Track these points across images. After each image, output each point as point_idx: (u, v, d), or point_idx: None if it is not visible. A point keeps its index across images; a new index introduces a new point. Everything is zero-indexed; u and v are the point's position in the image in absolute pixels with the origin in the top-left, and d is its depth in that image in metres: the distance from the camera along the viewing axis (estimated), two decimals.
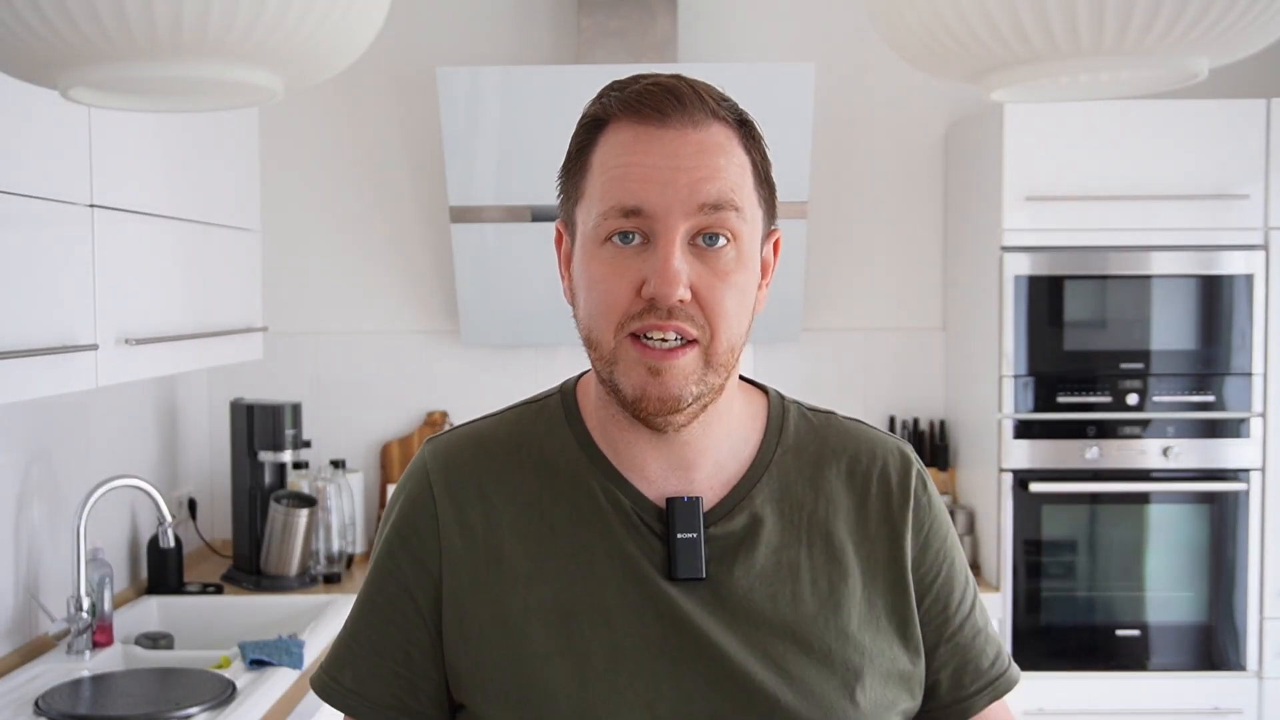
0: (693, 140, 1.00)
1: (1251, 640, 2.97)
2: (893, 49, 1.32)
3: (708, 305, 1.00)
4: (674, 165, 0.99)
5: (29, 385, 1.90)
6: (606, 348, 1.03)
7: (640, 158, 1.00)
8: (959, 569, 1.15)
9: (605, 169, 1.02)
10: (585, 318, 1.05)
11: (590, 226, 1.02)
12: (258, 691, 2.16)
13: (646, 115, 1.01)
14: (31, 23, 1.01)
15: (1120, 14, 1.09)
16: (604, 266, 1.01)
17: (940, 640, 1.12)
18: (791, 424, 1.14)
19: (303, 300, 3.45)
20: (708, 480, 1.09)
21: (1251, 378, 2.95)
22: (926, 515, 1.13)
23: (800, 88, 2.97)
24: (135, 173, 2.29)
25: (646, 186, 0.99)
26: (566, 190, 1.08)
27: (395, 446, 3.42)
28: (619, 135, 1.02)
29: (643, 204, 0.99)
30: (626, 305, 1.00)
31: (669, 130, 1.00)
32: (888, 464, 1.14)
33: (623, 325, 1.01)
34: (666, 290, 0.98)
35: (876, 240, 3.46)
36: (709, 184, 1.00)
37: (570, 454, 1.11)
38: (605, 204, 1.01)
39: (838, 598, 1.08)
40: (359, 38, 1.17)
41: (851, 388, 3.41)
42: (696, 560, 1.05)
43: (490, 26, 3.39)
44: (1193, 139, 2.93)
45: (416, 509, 1.12)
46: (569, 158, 1.07)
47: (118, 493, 2.67)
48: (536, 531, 1.08)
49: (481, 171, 3.11)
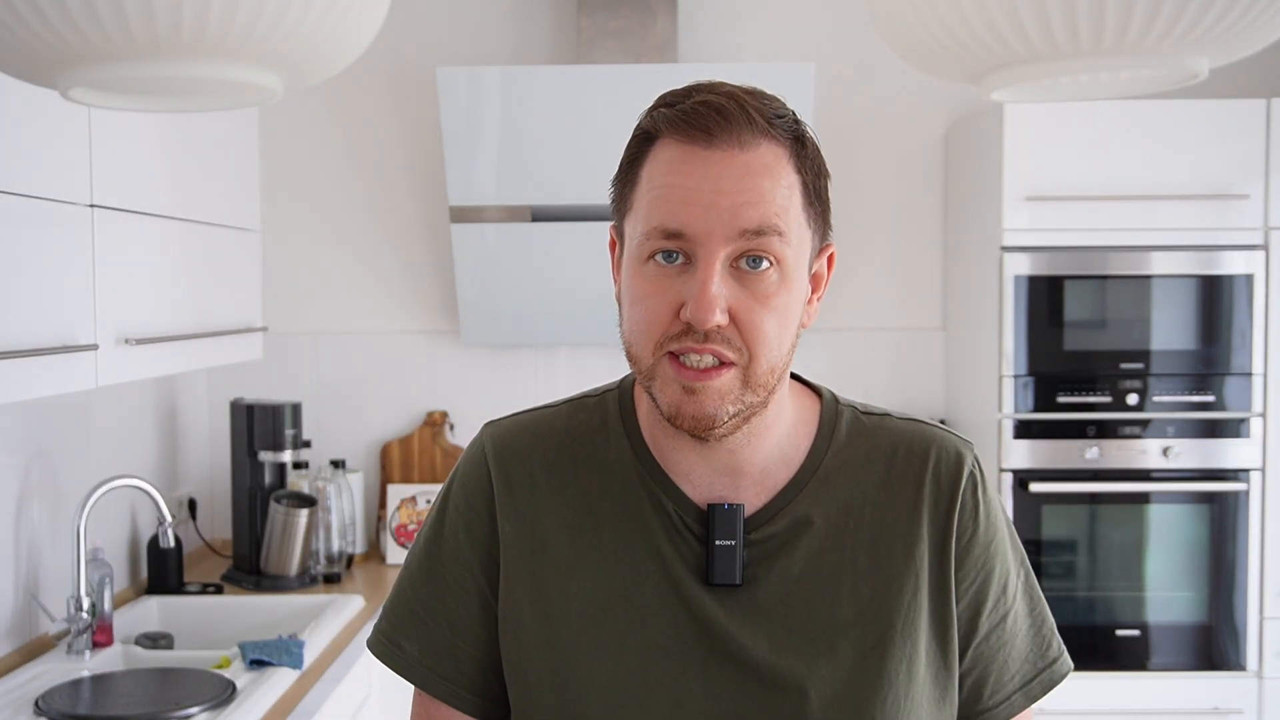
0: (738, 162, 1.00)
1: (1251, 640, 2.97)
2: (893, 49, 1.32)
3: (746, 329, 1.00)
4: (717, 189, 0.99)
5: (29, 385, 1.90)
6: (645, 363, 1.03)
7: (684, 179, 1.00)
8: (997, 578, 1.12)
9: (651, 187, 1.02)
10: (627, 332, 1.05)
11: (635, 243, 1.03)
12: (258, 691, 2.16)
13: (694, 134, 1.00)
14: (31, 23, 1.01)
15: (1120, 14, 1.09)
16: (646, 285, 1.02)
17: (966, 648, 1.11)
18: (844, 427, 1.13)
19: (303, 300, 3.45)
20: (754, 486, 1.10)
21: (1251, 378, 2.95)
22: (971, 521, 1.11)
23: (800, 88, 2.97)
24: (135, 173, 2.29)
25: (689, 209, 0.99)
26: (617, 200, 1.08)
27: (395, 446, 3.42)
28: (666, 153, 1.02)
29: (684, 227, 0.99)
30: (665, 325, 1.01)
31: (715, 151, 1.00)
32: (941, 464, 1.12)
33: (661, 344, 1.01)
34: (702, 316, 0.98)
35: (876, 240, 3.46)
36: (751, 209, 0.99)
37: (621, 452, 1.12)
38: (648, 224, 1.01)
39: (879, 606, 1.07)
40: (359, 38, 1.17)
41: (851, 388, 3.38)
42: (733, 567, 1.06)
43: (490, 26, 3.39)
44: (1193, 139, 2.93)
45: (476, 490, 1.14)
46: (621, 168, 1.07)
47: (118, 493, 2.67)
48: (581, 524, 1.11)
49: (481, 171, 3.11)
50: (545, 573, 1.10)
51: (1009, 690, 1.14)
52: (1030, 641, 1.16)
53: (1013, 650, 1.14)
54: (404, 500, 3.30)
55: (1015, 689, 1.14)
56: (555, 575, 1.09)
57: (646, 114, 1.06)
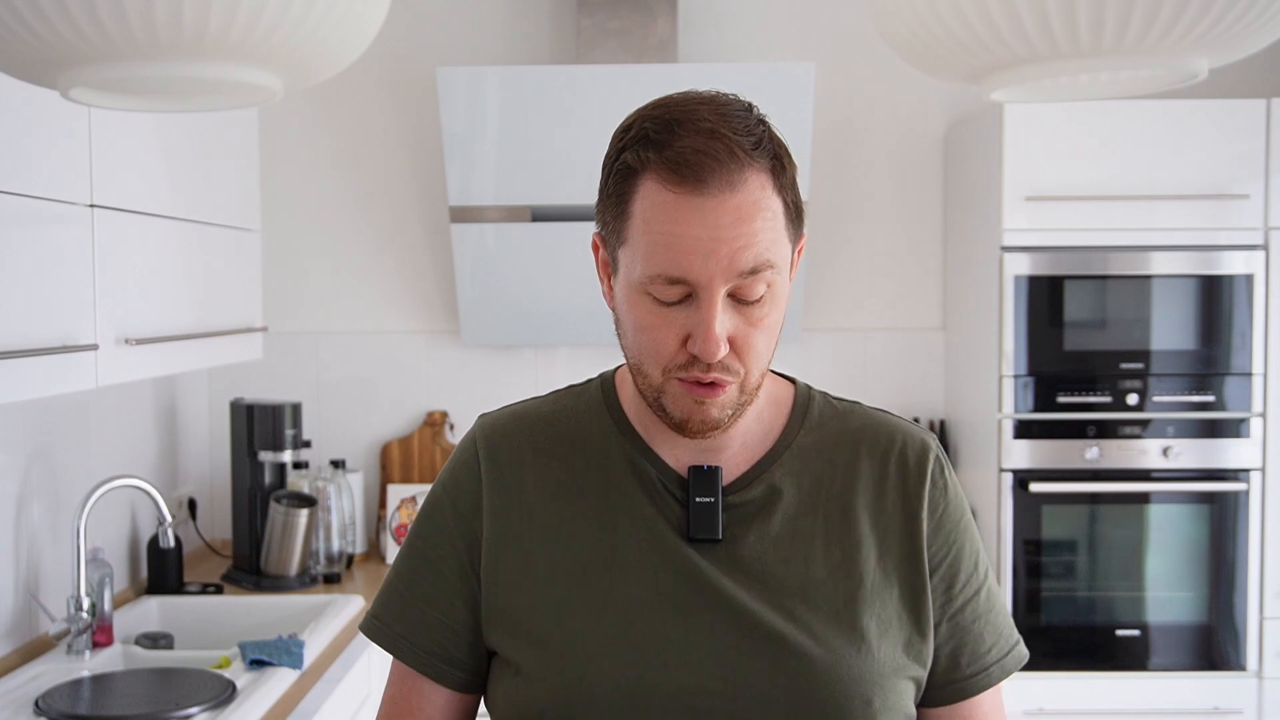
0: (730, 207, 1.04)
1: (1251, 640, 2.97)
2: (893, 49, 1.32)
3: (743, 352, 1.09)
4: (715, 236, 1.04)
5: (29, 385, 1.90)
6: (655, 381, 1.11)
7: (682, 229, 1.04)
8: (969, 554, 1.19)
9: (649, 230, 1.06)
10: (634, 354, 1.12)
11: (635, 278, 1.08)
12: (258, 691, 2.16)
13: (685, 181, 1.04)
14: (31, 23, 1.01)
15: (1120, 14, 1.09)
16: (650, 317, 1.09)
17: (942, 619, 1.17)
18: (816, 410, 1.22)
19: (303, 300, 3.45)
20: (732, 459, 1.18)
21: (1251, 378, 2.95)
22: (942, 497, 1.19)
23: (800, 88, 2.97)
24: (135, 173, 2.29)
25: (690, 258, 1.04)
26: (606, 222, 1.12)
27: (395, 446, 3.42)
28: (659, 196, 1.05)
29: (686, 275, 1.05)
30: (672, 355, 1.09)
31: (708, 199, 1.04)
32: (907, 446, 1.20)
33: (669, 370, 1.09)
34: (710, 352, 1.06)
35: (876, 240, 3.46)
36: (747, 252, 1.05)
37: (605, 429, 1.20)
38: (650, 269, 1.06)
39: (849, 566, 1.14)
40: (359, 38, 1.17)
41: (851, 388, 3.39)
42: (713, 523, 1.14)
43: (490, 26, 3.40)
44: (1193, 139, 2.93)
45: (464, 472, 1.22)
46: (608, 195, 1.11)
47: (118, 493, 2.67)
48: (566, 493, 1.18)
49: (481, 171, 3.11)
50: (532, 540, 1.16)
51: (986, 662, 1.18)
52: (1001, 620, 1.21)
53: (987, 624, 1.19)
54: (404, 500, 3.30)
55: (992, 661, 1.19)
56: (542, 541, 1.16)
57: (629, 147, 1.08)
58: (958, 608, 1.17)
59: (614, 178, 1.10)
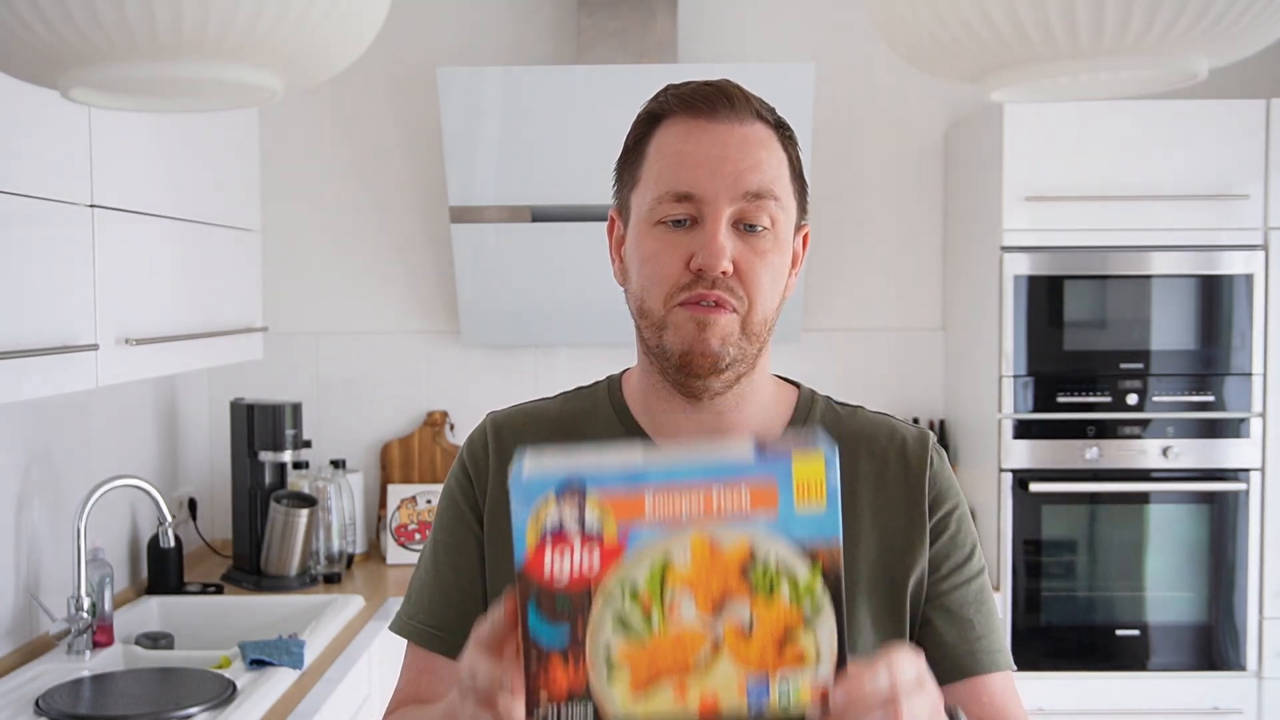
0: (739, 134, 1.12)
1: (1251, 640, 2.97)
2: (893, 49, 1.31)
3: (746, 278, 1.11)
4: (721, 155, 1.10)
5: (29, 385, 1.90)
6: (657, 314, 1.12)
7: (692, 146, 1.11)
8: (960, 541, 1.19)
9: (661, 156, 1.13)
10: (638, 289, 1.14)
11: (645, 209, 1.13)
12: (258, 691, 2.16)
13: (699, 109, 1.12)
14: (31, 23, 1.01)
15: (1120, 14, 1.09)
16: (657, 243, 1.12)
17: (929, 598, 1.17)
18: (818, 411, 1.24)
19: (303, 300, 3.45)
20: None
21: (1251, 378, 2.95)
22: (937, 481, 1.20)
23: (800, 88, 2.97)
24: (135, 173, 2.30)
25: (697, 173, 1.10)
26: (622, 178, 1.18)
27: (395, 446, 3.42)
28: (674, 128, 1.13)
29: (693, 189, 1.10)
30: (676, 277, 1.11)
31: (718, 124, 1.11)
32: (906, 440, 1.21)
33: (672, 295, 1.11)
34: (713, 262, 1.08)
35: (876, 240, 3.46)
36: (753, 173, 1.10)
37: (609, 426, 1.22)
38: (660, 188, 1.11)
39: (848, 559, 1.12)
40: (359, 38, 1.17)
41: (851, 388, 3.39)
42: None
43: (490, 26, 3.40)
44: (1193, 139, 2.93)
45: (472, 464, 1.24)
46: (626, 149, 1.18)
47: (118, 493, 2.67)
48: None
49: (481, 171, 3.11)
50: None
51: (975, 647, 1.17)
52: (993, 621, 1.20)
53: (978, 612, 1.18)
54: (404, 500, 3.30)
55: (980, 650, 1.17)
56: None
57: (652, 100, 1.17)
58: (945, 590, 1.17)
59: (634, 133, 1.17)
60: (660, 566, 0.81)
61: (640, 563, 0.80)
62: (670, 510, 0.81)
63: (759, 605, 0.81)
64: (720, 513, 0.81)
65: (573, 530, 0.81)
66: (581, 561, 0.80)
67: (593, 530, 0.81)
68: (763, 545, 0.81)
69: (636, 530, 0.81)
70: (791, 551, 0.81)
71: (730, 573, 0.81)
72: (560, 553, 0.80)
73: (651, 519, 0.81)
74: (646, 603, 0.80)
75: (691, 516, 0.81)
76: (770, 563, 0.81)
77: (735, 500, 0.81)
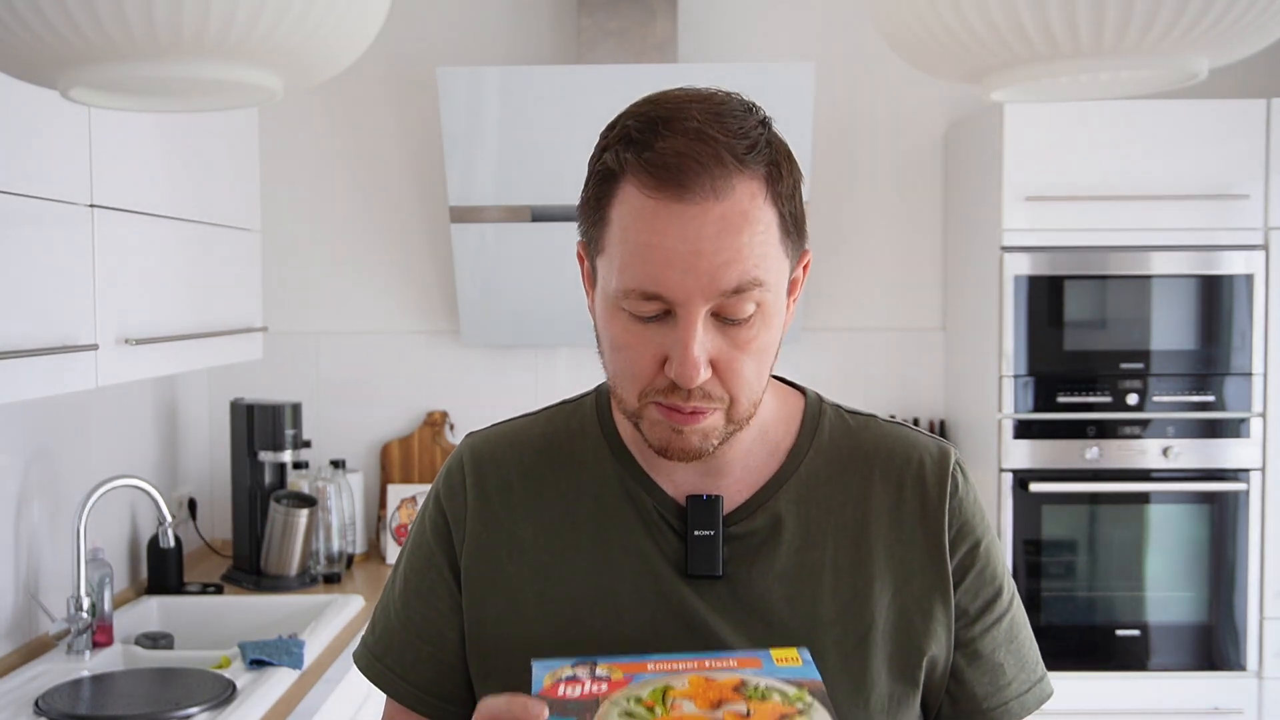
0: (714, 216, 0.94)
1: (1251, 640, 2.97)
2: (893, 49, 1.32)
3: (727, 377, 0.99)
4: (695, 249, 0.94)
5: (29, 385, 1.90)
6: (631, 405, 1.02)
7: (659, 239, 0.94)
8: (989, 578, 1.10)
9: (624, 240, 0.97)
10: (611, 373, 1.04)
11: (610, 289, 0.99)
12: (258, 691, 2.16)
13: (665, 186, 0.94)
14: (31, 23, 1.01)
15: (1120, 14, 1.09)
16: (625, 335, 1.00)
17: (958, 644, 1.09)
18: (827, 426, 1.13)
19: (303, 300, 3.45)
20: (735, 483, 1.09)
21: (1251, 378, 2.95)
22: (958, 515, 1.10)
23: (800, 88, 2.97)
24: (135, 173, 2.29)
25: (667, 272, 0.95)
26: (587, 230, 1.05)
27: (395, 446, 3.42)
28: (636, 202, 0.96)
29: (662, 290, 0.95)
30: (650, 378, 0.99)
31: (690, 206, 0.94)
32: (924, 464, 1.11)
33: (645, 394, 1.00)
34: (688, 377, 0.96)
35: (876, 240, 3.46)
36: (731, 268, 0.94)
37: (598, 453, 1.12)
38: (624, 283, 0.97)
39: (860, 604, 1.06)
40: (359, 38, 1.17)
41: (852, 388, 3.41)
42: (713, 558, 1.06)
43: (490, 26, 3.40)
44: (1193, 139, 2.93)
45: (449, 500, 1.15)
46: (589, 200, 1.03)
47: (118, 493, 2.67)
48: (558, 526, 1.10)
49: (481, 171, 3.11)
50: (520, 576, 1.09)
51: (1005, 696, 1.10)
52: (1026, 652, 1.13)
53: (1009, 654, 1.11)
54: (404, 500, 3.30)
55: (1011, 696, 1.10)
56: (531, 578, 1.09)
57: (609, 148, 1.00)
58: (976, 634, 1.09)
59: (594, 180, 1.02)
60: (661, 687, 0.91)
61: (643, 686, 0.91)
62: (668, 666, 0.94)
63: (754, 704, 0.89)
64: (711, 667, 0.94)
65: (584, 678, 0.93)
66: (590, 688, 0.91)
67: (601, 676, 0.93)
68: (752, 679, 0.92)
69: (640, 675, 0.93)
70: (778, 682, 0.92)
71: (724, 689, 0.91)
72: (570, 686, 0.92)
73: (653, 669, 0.93)
74: (650, 705, 0.89)
75: (687, 668, 0.94)
76: (760, 685, 0.91)
77: (723, 664, 0.94)
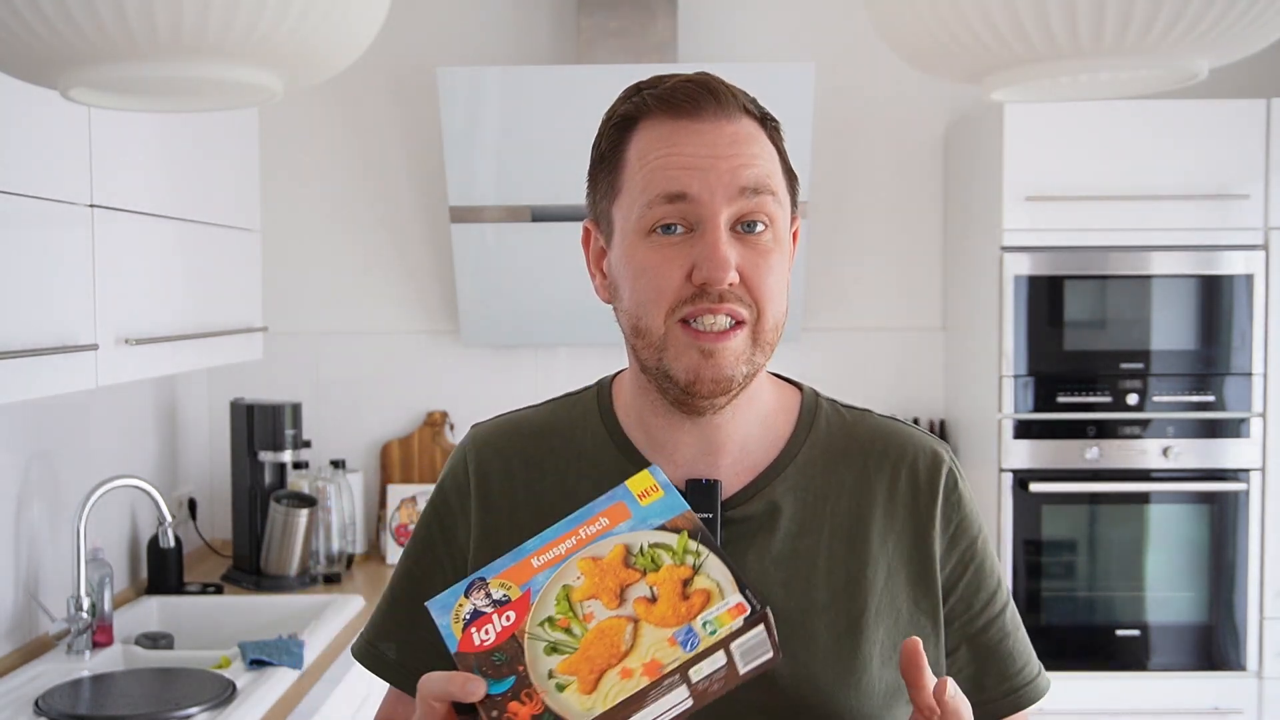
0: (727, 131, 1.04)
1: (1251, 640, 2.97)
2: (893, 49, 1.32)
3: (753, 286, 1.03)
4: (713, 154, 1.03)
5: (29, 385, 1.90)
6: (656, 334, 1.05)
7: (680, 148, 1.03)
8: (987, 571, 1.14)
9: (645, 162, 1.05)
10: (633, 307, 1.06)
11: (633, 219, 1.05)
12: (258, 691, 2.16)
13: (681, 109, 1.04)
14: (31, 23, 1.01)
15: (1120, 14, 1.09)
16: (651, 255, 1.04)
17: (963, 640, 1.12)
18: (823, 419, 1.16)
19: (303, 300, 3.45)
20: (733, 467, 1.11)
21: (1251, 378, 2.95)
22: (955, 513, 1.13)
23: (800, 88, 2.97)
24: (135, 173, 2.29)
25: (689, 173, 1.02)
26: (599, 189, 1.12)
27: (395, 446, 3.42)
28: (655, 130, 1.05)
29: (687, 189, 1.02)
30: (677, 291, 1.03)
31: (704, 123, 1.04)
32: (918, 460, 1.13)
33: (673, 311, 1.03)
34: (718, 274, 1.01)
35: (876, 240, 3.46)
36: (748, 169, 1.03)
37: (599, 440, 1.14)
38: (649, 193, 1.03)
39: (853, 589, 1.08)
40: (359, 38, 1.17)
41: (851, 388, 3.39)
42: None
43: (490, 26, 3.40)
44: (1193, 139, 2.93)
45: (453, 486, 1.17)
46: (600, 157, 1.11)
47: (118, 493, 2.67)
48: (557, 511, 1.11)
49: (481, 171, 3.11)
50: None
51: (1016, 683, 1.13)
52: (1025, 645, 1.16)
53: (1016, 643, 1.14)
54: (404, 500, 3.30)
55: (1021, 684, 1.13)
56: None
57: (622, 101, 1.09)
58: (980, 627, 1.12)
59: (607, 139, 1.10)
60: (562, 594, 0.94)
61: (546, 600, 0.94)
62: (552, 557, 0.96)
63: (651, 578, 0.93)
64: (589, 539, 0.96)
65: (486, 608, 0.95)
66: (501, 623, 0.93)
67: (501, 599, 0.95)
68: (632, 540, 0.95)
69: (533, 582, 0.95)
70: (655, 533, 0.95)
71: (617, 569, 0.94)
72: (482, 628, 0.94)
73: (540, 569, 0.96)
74: (564, 624, 0.92)
75: (569, 551, 0.96)
76: (643, 546, 0.95)
77: (596, 526, 0.97)
